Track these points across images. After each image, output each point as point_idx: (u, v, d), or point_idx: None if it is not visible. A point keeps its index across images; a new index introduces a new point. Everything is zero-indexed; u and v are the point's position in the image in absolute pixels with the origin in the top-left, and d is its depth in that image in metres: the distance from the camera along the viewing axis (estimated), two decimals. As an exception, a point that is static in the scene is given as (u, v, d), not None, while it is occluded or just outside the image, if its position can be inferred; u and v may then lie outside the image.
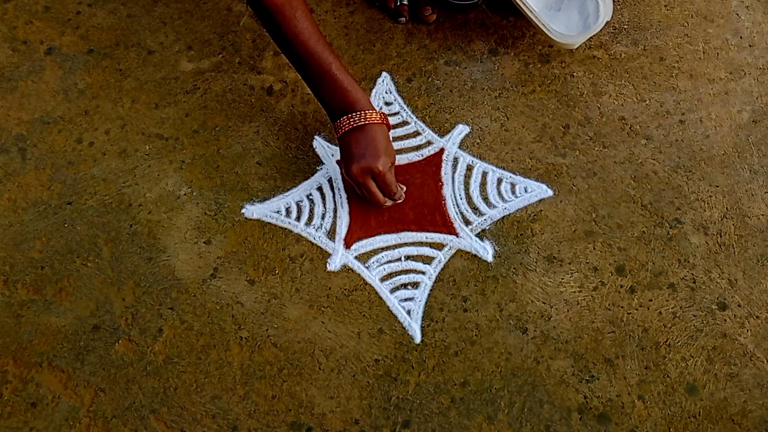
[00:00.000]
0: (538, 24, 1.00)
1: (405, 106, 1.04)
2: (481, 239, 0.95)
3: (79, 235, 0.96)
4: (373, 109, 0.91)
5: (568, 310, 0.91)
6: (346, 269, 0.94)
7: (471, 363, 0.89)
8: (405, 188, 0.97)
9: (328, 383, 0.88)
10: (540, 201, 0.97)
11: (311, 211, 0.97)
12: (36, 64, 1.07)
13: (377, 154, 0.90)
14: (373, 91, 1.05)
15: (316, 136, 1.02)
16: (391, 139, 0.94)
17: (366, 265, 0.94)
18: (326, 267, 0.94)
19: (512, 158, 1.00)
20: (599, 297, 0.92)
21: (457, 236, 0.95)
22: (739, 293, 0.92)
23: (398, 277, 0.93)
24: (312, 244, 0.95)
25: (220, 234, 0.96)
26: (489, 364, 0.89)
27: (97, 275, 0.94)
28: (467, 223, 0.96)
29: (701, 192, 0.98)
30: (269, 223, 0.97)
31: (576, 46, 1.04)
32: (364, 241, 0.95)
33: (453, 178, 0.99)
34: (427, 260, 0.94)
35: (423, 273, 0.94)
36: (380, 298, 0.93)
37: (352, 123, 0.90)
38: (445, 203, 0.97)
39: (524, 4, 1.00)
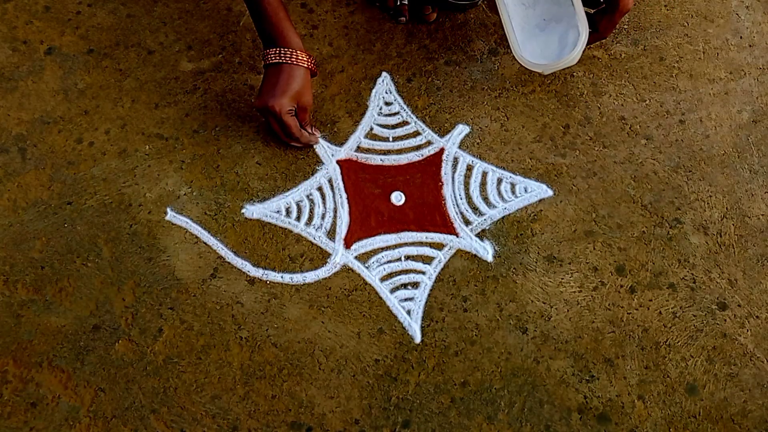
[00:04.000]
0: (512, 43, 0.99)
1: (405, 106, 1.04)
2: (481, 239, 0.95)
3: (79, 235, 0.96)
4: (303, 51, 0.95)
5: (568, 310, 0.91)
6: (346, 269, 0.94)
7: (471, 363, 0.89)
8: (319, 134, 1.00)
9: (328, 383, 0.88)
10: (540, 201, 0.97)
11: (311, 211, 0.97)
12: (36, 64, 1.07)
13: (279, 93, 0.93)
14: (373, 91, 1.05)
15: (316, 136, 1.02)
16: (310, 85, 0.97)
17: (366, 265, 0.94)
18: (326, 267, 0.94)
19: (512, 158, 1.00)
20: (599, 297, 0.92)
21: (457, 236, 0.95)
22: (739, 293, 0.92)
23: (398, 277, 0.93)
24: (312, 244, 0.95)
25: (220, 234, 0.96)
26: (489, 364, 0.89)
27: (97, 275, 0.94)
28: (467, 223, 0.96)
29: (701, 192, 0.98)
30: (269, 223, 0.97)
31: (545, 73, 1.01)
32: (364, 241, 0.95)
33: (453, 178, 0.99)
34: (427, 260, 0.94)
35: (423, 273, 0.94)
36: (380, 298, 0.93)
37: (274, 57, 0.94)
38: (445, 203, 0.97)
39: (506, 18, 0.99)
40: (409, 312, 0.92)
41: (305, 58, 0.95)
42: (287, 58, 0.93)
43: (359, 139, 1.01)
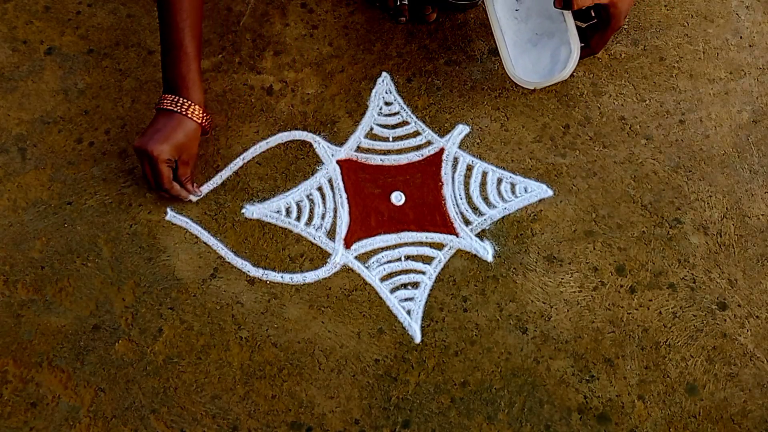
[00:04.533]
0: (504, 59, 0.99)
1: (405, 106, 1.04)
2: (481, 239, 0.95)
3: (79, 235, 0.96)
4: (202, 107, 0.92)
5: (568, 310, 0.91)
6: (346, 269, 0.94)
7: (471, 363, 0.89)
8: (199, 193, 0.97)
9: (328, 383, 0.88)
10: (540, 201, 0.97)
11: (311, 211, 0.97)
12: (36, 64, 1.07)
13: (161, 139, 0.90)
14: (373, 91, 1.05)
15: (316, 136, 1.02)
16: (197, 141, 0.94)
17: (366, 265, 0.94)
18: (326, 267, 0.94)
19: (512, 158, 1.00)
20: (599, 297, 0.92)
21: (457, 236, 0.95)
22: (739, 293, 0.92)
23: (398, 277, 0.93)
24: (312, 244, 0.95)
25: (220, 234, 0.96)
26: (489, 364, 0.89)
27: (97, 275, 0.94)
28: (467, 223, 0.96)
29: (701, 192, 0.98)
30: (269, 223, 0.97)
31: (537, 89, 1.02)
32: (364, 241, 0.95)
33: (453, 178, 0.99)
34: (427, 260, 0.94)
35: (423, 273, 0.94)
36: (380, 298, 0.93)
37: (168, 104, 0.91)
38: (445, 203, 0.97)
39: (499, 33, 0.99)
40: (409, 312, 0.92)
41: (200, 114, 0.92)
42: (181, 109, 0.91)
43: (359, 139, 1.01)
